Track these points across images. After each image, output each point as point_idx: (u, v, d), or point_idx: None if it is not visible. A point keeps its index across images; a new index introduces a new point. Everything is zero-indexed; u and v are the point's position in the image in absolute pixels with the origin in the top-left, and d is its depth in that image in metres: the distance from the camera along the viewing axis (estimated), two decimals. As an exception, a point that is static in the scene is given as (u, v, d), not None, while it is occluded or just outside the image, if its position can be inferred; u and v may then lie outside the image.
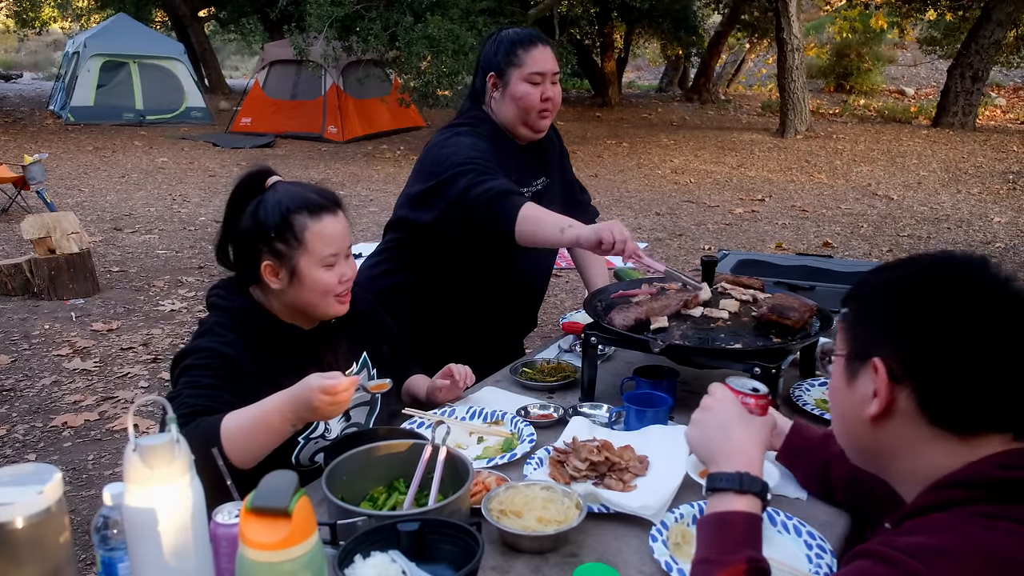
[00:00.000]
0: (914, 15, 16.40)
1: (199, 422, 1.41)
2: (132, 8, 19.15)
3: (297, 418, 1.41)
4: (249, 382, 1.56)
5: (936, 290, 0.97)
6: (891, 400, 0.98)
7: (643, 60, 25.93)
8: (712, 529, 1.09)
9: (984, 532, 0.88)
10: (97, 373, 4.31)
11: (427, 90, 10.66)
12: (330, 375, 1.39)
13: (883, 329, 1.00)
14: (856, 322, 1.05)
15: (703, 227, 7.76)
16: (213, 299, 1.71)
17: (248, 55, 31.51)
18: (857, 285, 1.07)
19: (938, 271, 1.00)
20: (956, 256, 1.00)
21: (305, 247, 1.62)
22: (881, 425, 1.00)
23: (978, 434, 0.95)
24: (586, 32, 17.96)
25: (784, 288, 2.33)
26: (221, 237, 1.72)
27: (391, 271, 2.32)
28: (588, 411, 1.83)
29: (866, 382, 1.01)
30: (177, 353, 1.65)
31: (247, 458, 1.41)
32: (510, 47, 2.20)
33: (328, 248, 1.64)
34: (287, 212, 1.62)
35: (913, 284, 0.99)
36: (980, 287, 0.96)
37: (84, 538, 2.62)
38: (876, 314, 1.02)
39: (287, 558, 0.96)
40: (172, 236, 7.27)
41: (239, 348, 1.60)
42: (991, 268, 0.97)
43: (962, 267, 0.98)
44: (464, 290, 2.31)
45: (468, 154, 2.10)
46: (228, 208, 1.70)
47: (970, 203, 8.76)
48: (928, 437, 0.97)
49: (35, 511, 0.96)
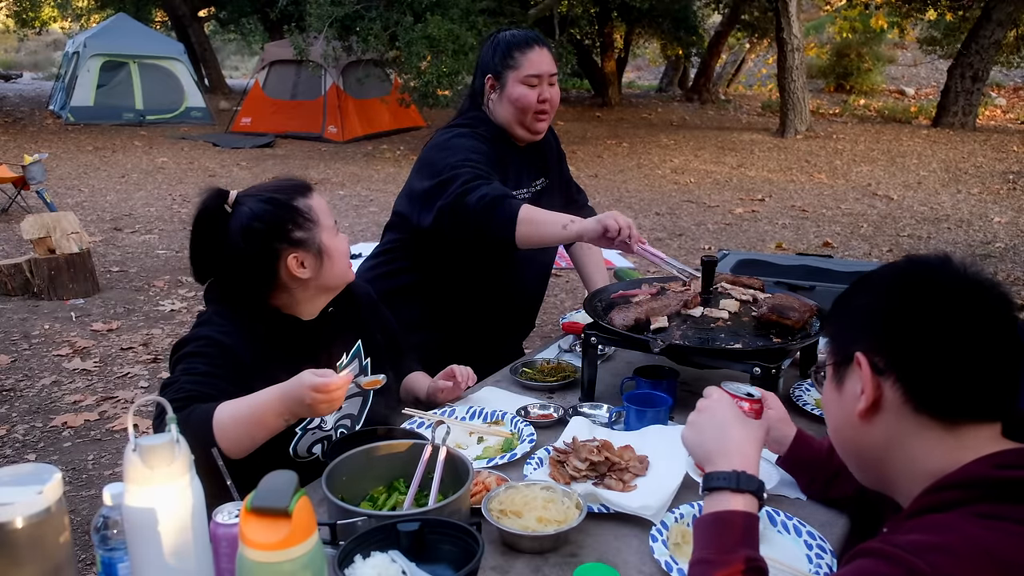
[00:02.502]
0: (914, 15, 16.40)
1: (194, 408, 1.43)
2: (132, 8, 19.16)
3: (290, 414, 1.43)
4: (244, 371, 1.57)
5: (906, 284, 1.04)
6: (878, 393, 1.02)
7: (643, 60, 25.93)
8: (709, 529, 1.09)
9: (985, 532, 0.88)
10: (97, 373, 4.31)
11: (427, 90, 10.66)
12: (322, 372, 1.39)
13: (861, 327, 1.05)
14: (837, 330, 1.11)
15: (703, 227, 7.76)
16: (211, 293, 1.72)
17: (248, 55, 31.51)
18: (836, 299, 1.13)
19: (907, 270, 1.06)
20: (923, 256, 1.07)
21: (319, 223, 1.68)
22: (871, 422, 1.03)
23: (964, 422, 0.99)
24: (586, 32, 17.96)
25: (784, 288, 2.33)
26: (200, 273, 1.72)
27: (391, 272, 2.32)
28: (588, 411, 1.83)
29: (853, 382, 1.05)
30: (176, 342, 1.66)
31: (238, 449, 1.43)
32: (506, 50, 2.20)
33: (330, 219, 1.72)
34: (286, 202, 1.66)
35: (886, 284, 1.06)
36: (947, 276, 1.02)
37: (84, 538, 2.62)
38: (854, 316, 1.08)
39: (287, 558, 0.96)
40: (172, 236, 7.27)
41: (236, 337, 1.61)
42: (954, 261, 1.03)
43: (929, 263, 1.05)
44: (463, 291, 2.31)
45: (465, 156, 2.10)
46: (197, 242, 1.70)
47: (970, 203, 8.76)
48: (917, 429, 1.00)
49: (35, 511, 0.96)
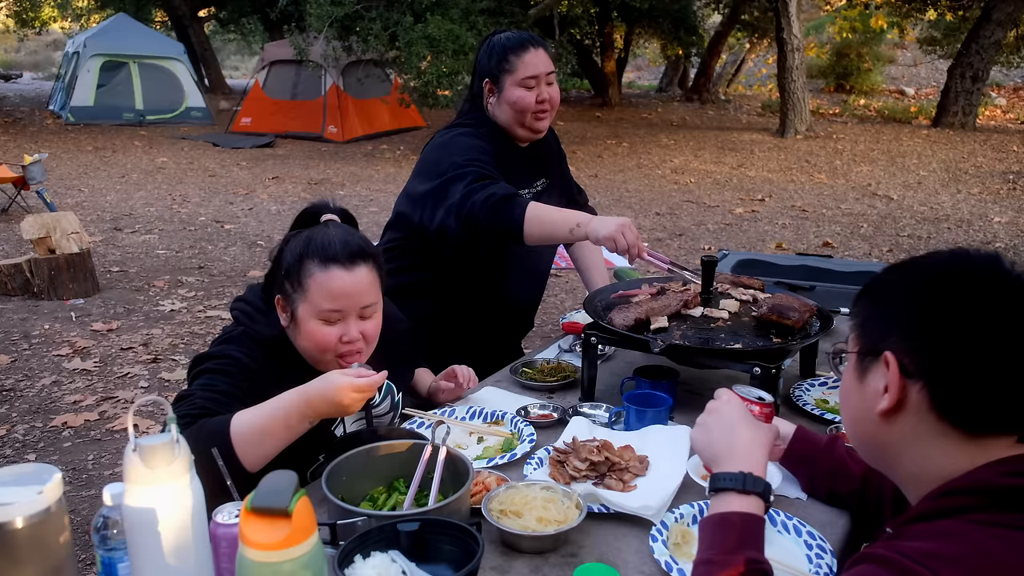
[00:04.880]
0: (914, 15, 16.41)
1: (202, 423, 1.39)
2: (132, 8, 19.16)
3: (316, 414, 1.40)
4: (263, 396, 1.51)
5: (951, 287, 0.96)
6: (902, 396, 0.97)
7: (643, 60, 25.93)
8: (714, 530, 1.09)
9: (991, 540, 0.87)
10: (97, 373, 4.31)
11: (427, 90, 10.67)
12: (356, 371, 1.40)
13: (896, 325, 0.99)
14: (868, 319, 1.04)
15: (703, 227, 7.76)
16: (237, 313, 1.68)
17: (248, 55, 31.52)
18: (869, 283, 1.06)
19: (952, 268, 0.99)
20: (970, 253, 1.00)
21: (305, 294, 1.55)
22: (891, 421, 1.00)
23: (987, 434, 0.95)
24: (586, 32, 17.96)
25: (784, 288, 2.33)
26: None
27: (390, 273, 2.31)
28: (588, 411, 1.83)
29: (877, 378, 1.00)
30: (199, 354, 1.62)
31: (257, 458, 1.38)
32: (501, 53, 2.21)
33: (328, 303, 1.54)
34: (302, 254, 1.57)
35: (927, 281, 0.99)
36: (995, 283, 0.95)
37: (84, 538, 2.62)
38: (889, 310, 1.01)
39: (287, 558, 0.96)
40: (172, 236, 7.27)
41: (261, 363, 1.57)
42: (1005, 263, 0.97)
43: (977, 263, 0.98)
44: (462, 293, 2.31)
45: (469, 155, 2.11)
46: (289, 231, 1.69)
47: (970, 203, 8.76)
48: (937, 435, 0.97)
49: (35, 511, 0.96)
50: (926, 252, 1.05)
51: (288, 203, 8.71)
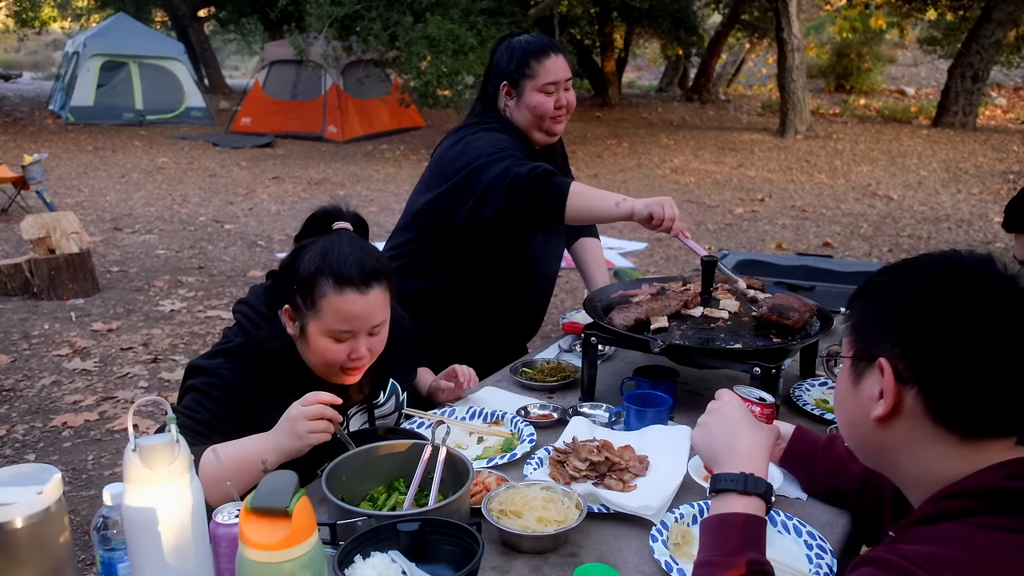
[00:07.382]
0: (914, 15, 16.41)
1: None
2: (132, 8, 19.16)
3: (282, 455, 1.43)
4: (248, 418, 1.54)
5: (944, 290, 0.95)
6: (897, 401, 0.97)
7: (643, 60, 25.93)
8: (715, 530, 1.08)
9: (992, 544, 0.87)
10: (97, 373, 4.31)
11: (427, 90, 10.67)
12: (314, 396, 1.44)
13: (890, 330, 0.98)
14: (861, 323, 1.04)
15: (703, 227, 7.75)
16: (240, 317, 1.67)
17: (248, 55, 31.50)
18: (862, 286, 1.06)
19: (945, 270, 0.98)
20: (963, 255, 0.99)
21: (318, 314, 1.54)
22: (887, 426, 0.99)
23: (984, 438, 0.95)
24: (586, 32, 17.97)
25: (784, 288, 2.32)
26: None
27: (401, 277, 2.30)
28: (588, 411, 1.83)
29: (872, 383, 1.00)
30: (193, 363, 1.62)
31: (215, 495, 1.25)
32: (523, 58, 2.20)
33: (340, 324, 1.54)
34: (316, 271, 1.53)
35: (920, 284, 0.98)
36: (988, 286, 0.94)
37: (84, 538, 2.62)
38: (882, 315, 1.00)
39: (287, 558, 0.96)
40: (172, 236, 7.27)
41: (251, 382, 1.57)
42: (998, 265, 0.96)
43: (970, 266, 0.97)
44: (477, 296, 2.30)
45: (497, 145, 2.12)
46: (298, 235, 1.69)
47: (970, 203, 8.76)
48: (934, 439, 0.96)
49: (35, 511, 0.96)
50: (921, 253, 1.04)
51: (288, 203, 8.71)
